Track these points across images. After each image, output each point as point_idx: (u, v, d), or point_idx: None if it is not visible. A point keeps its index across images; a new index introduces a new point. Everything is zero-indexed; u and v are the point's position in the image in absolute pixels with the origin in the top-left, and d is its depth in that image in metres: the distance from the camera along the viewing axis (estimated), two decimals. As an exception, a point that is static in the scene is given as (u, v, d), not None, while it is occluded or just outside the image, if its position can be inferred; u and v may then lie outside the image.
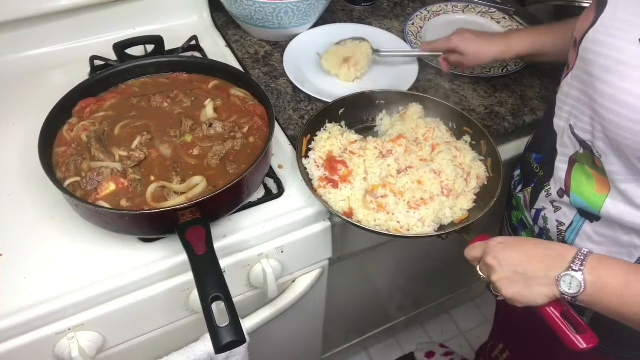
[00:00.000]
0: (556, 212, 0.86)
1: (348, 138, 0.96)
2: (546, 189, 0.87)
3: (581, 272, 0.67)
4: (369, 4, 1.38)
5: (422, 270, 1.50)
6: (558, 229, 0.86)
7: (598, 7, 0.73)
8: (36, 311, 0.77)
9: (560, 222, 0.86)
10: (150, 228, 0.81)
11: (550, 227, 0.88)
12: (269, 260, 0.90)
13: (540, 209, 0.90)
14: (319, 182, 0.91)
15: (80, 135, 0.89)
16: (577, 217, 0.83)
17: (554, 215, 0.87)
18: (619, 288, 0.66)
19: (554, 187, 0.86)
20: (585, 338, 0.69)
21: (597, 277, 0.67)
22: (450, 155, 0.93)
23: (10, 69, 1.12)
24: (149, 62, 1.01)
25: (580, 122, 0.78)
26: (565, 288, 0.68)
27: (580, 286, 0.67)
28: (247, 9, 1.14)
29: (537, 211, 0.91)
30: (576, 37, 0.78)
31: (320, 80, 1.17)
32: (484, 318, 1.99)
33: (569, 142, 0.81)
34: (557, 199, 0.85)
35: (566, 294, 0.68)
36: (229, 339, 0.66)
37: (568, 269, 0.68)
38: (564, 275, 0.68)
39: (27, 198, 0.90)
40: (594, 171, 0.78)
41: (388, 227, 0.85)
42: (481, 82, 1.19)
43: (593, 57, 0.72)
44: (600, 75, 0.70)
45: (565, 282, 0.68)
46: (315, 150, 0.95)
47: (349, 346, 1.69)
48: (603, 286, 0.67)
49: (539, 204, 0.90)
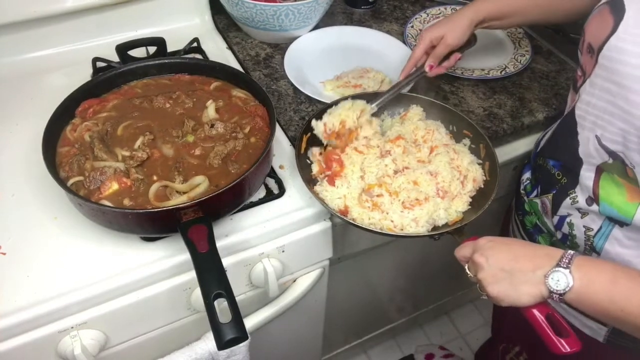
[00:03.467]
0: (583, 217, 0.85)
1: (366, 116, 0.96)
2: (571, 197, 0.86)
3: (569, 270, 0.67)
4: (368, 7, 1.40)
5: (422, 272, 1.51)
6: (586, 235, 0.85)
7: (614, 12, 0.71)
8: (39, 309, 0.77)
9: (588, 228, 0.85)
10: (153, 227, 0.82)
11: (577, 232, 0.87)
12: (270, 260, 0.91)
13: (565, 215, 0.88)
14: (317, 173, 0.93)
15: (84, 136, 0.90)
16: (606, 222, 0.82)
17: (580, 221, 0.86)
18: (606, 284, 0.66)
19: (581, 195, 0.84)
20: (569, 342, 0.69)
21: (585, 273, 0.67)
22: (448, 158, 0.94)
23: (14, 70, 1.13)
24: (151, 64, 1.02)
25: (608, 133, 0.76)
26: (553, 285, 0.68)
27: (568, 283, 0.67)
28: (248, 12, 1.16)
29: (561, 217, 0.89)
30: (590, 43, 0.76)
31: (320, 82, 1.18)
32: (484, 320, 2.00)
33: (595, 152, 0.80)
34: (584, 206, 0.84)
35: (554, 291, 0.68)
36: (232, 336, 0.67)
37: (556, 266, 0.68)
38: (552, 272, 0.68)
39: (30, 197, 0.91)
40: (624, 180, 0.77)
41: (382, 225, 0.86)
42: (480, 84, 1.20)
43: (621, 67, 0.70)
44: (633, 86, 0.69)
45: (553, 279, 0.68)
46: (330, 115, 0.95)
47: (349, 347, 1.70)
48: (590, 283, 0.67)
49: (563, 211, 0.88)
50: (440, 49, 1.03)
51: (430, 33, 1.04)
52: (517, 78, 1.22)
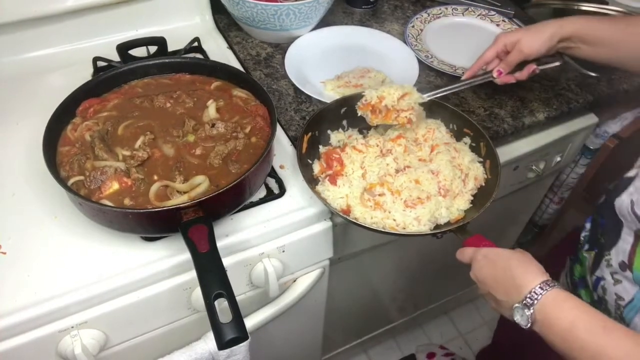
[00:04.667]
0: (616, 285, 0.83)
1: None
2: (606, 259, 0.84)
3: (532, 308, 0.69)
4: (369, 7, 1.40)
5: (422, 271, 1.51)
6: (616, 303, 0.83)
7: None
8: (39, 309, 0.77)
9: (619, 297, 0.82)
10: (153, 226, 0.82)
11: (609, 299, 0.85)
12: (270, 260, 0.91)
13: (600, 277, 0.86)
14: (318, 173, 0.93)
15: (84, 135, 0.90)
16: (639, 295, 0.80)
17: (613, 288, 0.83)
18: (564, 331, 0.67)
19: (615, 257, 0.82)
20: None
21: (545, 315, 0.68)
22: (449, 156, 0.94)
23: (14, 69, 1.13)
24: (152, 63, 1.02)
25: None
26: (518, 318, 0.71)
27: (528, 321, 0.69)
28: (249, 11, 1.15)
29: (597, 279, 0.87)
30: None
31: (321, 82, 1.18)
32: (483, 320, 2.00)
33: (628, 216, 0.78)
34: (618, 270, 0.82)
35: (519, 323, 0.70)
36: (232, 335, 0.67)
37: (521, 302, 0.70)
38: (516, 307, 0.71)
39: (31, 197, 0.91)
40: None
41: (384, 224, 0.86)
42: (481, 84, 1.19)
43: None
44: None
45: (518, 313, 0.71)
46: (374, 90, 0.97)
47: (349, 347, 1.70)
48: (550, 326, 0.68)
49: (599, 272, 0.87)
50: (513, 55, 0.98)
51: (506, 37, 0.99)
52: (518, 78, 1.22)
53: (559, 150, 1.29)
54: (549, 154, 1.27)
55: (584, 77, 1.24)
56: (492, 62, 1.03)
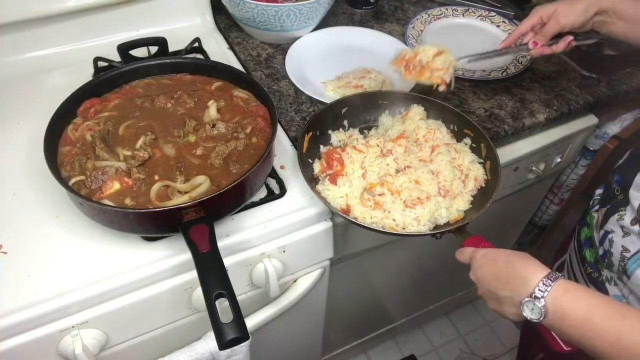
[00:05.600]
0: (624, 237, 0.84)
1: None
2: (620, 213, 0.85)
3: (543, 300, 0.67)
4: (370, 8, 1.40)
5: (422, 272, 1.51)
6: (621, 255, 0.84)
7: None
8: (40, 309, 0.77)
9: (625, 248, 0.84)
10: (154, 226, 0.82)
11: (614, 251, 0.86)
12: (271, 260, 0.91)
13: (609, 231, 0.88)
14: (318, 172, 0.93)
15: (85, 135, 0.90)
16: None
17: (621, 240, 0.85)
18: (580, 320, 0.65)
19: (629, 214, 0.84)
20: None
21: (559, 306, 0.66)
22: (449, 157, 0.95)
23: (15, 70, 1.13)
24: (153, 64, 1.02)
25: None
26: (527, 313, 0.68)
27: (541, 314, 0.67)
28: (250, 12, 1.16)
29: (606, 233, 0.89)
30: None
31: (321, 82, 1.18)
32: (483, 320, 2.00)
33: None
34: (628, 225, 0.84)
35: (529, 318, 0.68)
36: (233, 335, 0.67)
37: (531, 295, 0.68)
38: (527, 301, 0.68)
39: (32, 197, 0.91)
40: None
41: (384, 224, 0.86)
42: (481, 85, 1.20)
43: None
44: None
45: (527, 307, 0.68)
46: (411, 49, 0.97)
47: (349, 348, 1.70)
48: (564, 316, 0.66)
49: (609, 226, 0.88)
50: (550, 25, 0.97)
51: (542, 9, 0.98)
52: (518, 79, 1.22)
53: (559, 151, 1.29)
54: (549, 154, 1.27)
55: (584, 79, 1.24)
56: (527, 35, 1.03)
